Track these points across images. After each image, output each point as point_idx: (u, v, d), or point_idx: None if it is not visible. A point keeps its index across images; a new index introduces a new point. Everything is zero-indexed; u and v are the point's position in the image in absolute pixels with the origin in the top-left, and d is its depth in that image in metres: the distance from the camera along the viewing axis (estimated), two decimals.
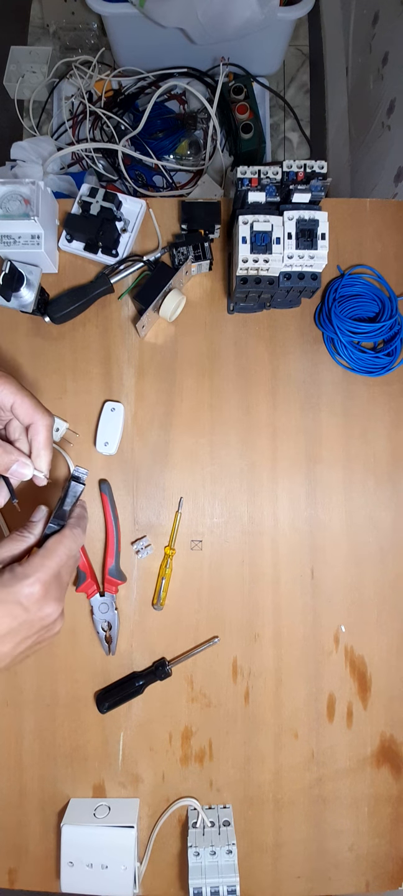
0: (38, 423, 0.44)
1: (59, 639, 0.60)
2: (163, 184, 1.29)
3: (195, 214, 0.62)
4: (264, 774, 0.60)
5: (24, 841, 0.60)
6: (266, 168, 0.50)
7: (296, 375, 0.63)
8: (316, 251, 0.51)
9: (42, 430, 0.44)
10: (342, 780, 0.61)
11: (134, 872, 0.56)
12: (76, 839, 0.56)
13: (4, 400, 0.43)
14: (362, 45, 1.18)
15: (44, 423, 0.44)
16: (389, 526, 0.61)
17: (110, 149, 1.21)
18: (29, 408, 0.43)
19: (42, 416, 0.44)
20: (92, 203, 0.61)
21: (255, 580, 0.61)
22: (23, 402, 0.43)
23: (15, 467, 0.43)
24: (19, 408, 0.43)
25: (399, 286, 0.63)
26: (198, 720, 0.60)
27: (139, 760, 0.60)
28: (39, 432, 0.44)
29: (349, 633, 0.61)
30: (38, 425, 0.44)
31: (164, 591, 0.60)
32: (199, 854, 0.56)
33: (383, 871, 0.61)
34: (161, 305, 0.59)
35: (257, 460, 0.61)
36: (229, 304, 0.63)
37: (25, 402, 0.43)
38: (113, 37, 1.33)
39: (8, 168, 1.10)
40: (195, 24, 1.18)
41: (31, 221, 0.56)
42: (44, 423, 0.44)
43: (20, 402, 0.43)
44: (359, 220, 0.65)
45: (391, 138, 1.00)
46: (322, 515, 0.61)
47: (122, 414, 0.60)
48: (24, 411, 0.43)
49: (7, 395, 0.43)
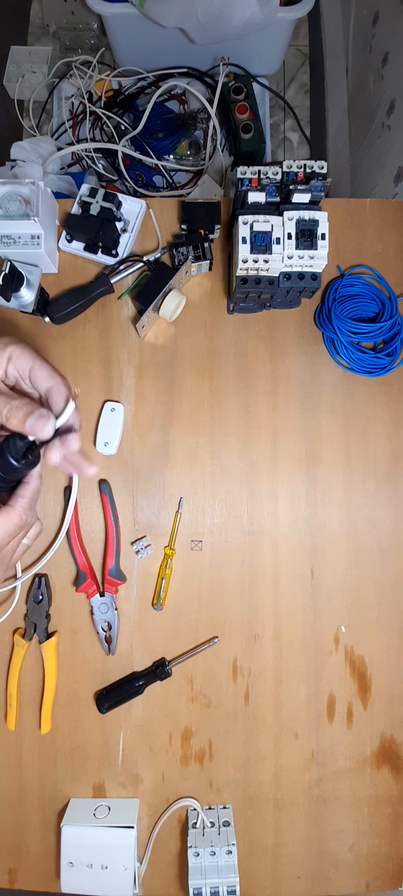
0: (57, 384, 0.42)
1: (59, 639, 0.60)
2: (163, 184, 1.29)
3: (195, 214, 0.62)
4: (264, 775, 0.60)
5: (24, 841, 0.60)
6: (266, 168, 0.50)
7: (296, 375, 0.62)
8: (316, 251, 0.51)
9: (63, 389, 0.42)
10: (342, 781, 0.61)
11: (134, 873, 0.56)
12: (76, 839, 0.56)
13: (23, 365, 0.42)
14: (362, 45, 1.18)
15: (64, 382, 0.42)
16: (389, 526, 0.61)
17: (110, 149, 1.21)
18: (48, 371, 0.42)
19: (61, 379, 0.42)
20: (92, 203, 0.61)
21: (255, 580, 0.61)
22: (42, 366, 0.42)
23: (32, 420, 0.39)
24: (38, 372, 0.42)
25: (399, 286, 0.63)
26: (198, 720, 0.60)
27: (139, 760, 0.60)
28: (59, 392, 0.42)
29: (349, 633, 0.61)
30: (59, 386, 0.42)
31: (164, 591, 0.60)
32: (199, 854, 0.56)
33: (383, 871, 0.61)
34: (161, 305, 0.59)
35: (257, 460, 0.61)
36: (229, 304, 0.63)
37: (44, 366, 0.42)
38: (113, 37, 1.33)
39: (8, 168, 1.10)
40: (195, 24, 1.18)
41: (31, 221, 0.56)
42: (64, 383, 0.42)
43: (39, 367, 0.42)
44: (359, 220, 0.65)
45: (391, 138, 1.00)
46: (322, 515, 0.61)
47: (122, 414, 0.60)
48: (42, 375, 0.42)
49: (26, 359, 0.42)
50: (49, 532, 0.60)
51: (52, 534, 0.60)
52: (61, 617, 0.60)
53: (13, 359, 0.41)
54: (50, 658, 0.59)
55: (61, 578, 0.60)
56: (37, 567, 0.59)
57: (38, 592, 0.59)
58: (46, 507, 0.60)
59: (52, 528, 0.60)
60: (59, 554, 0.59)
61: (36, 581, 0.59)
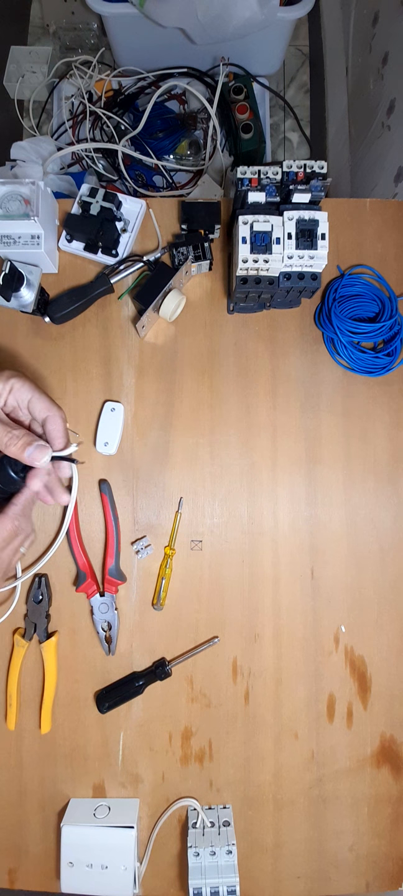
0: (54, 415, 0.46)
1: (59, 639, 0.60)
2: (163, 184, 1.29)
3: (195, 214, 0.62)
4: (264, 774, 0.60)
5: (24, 841, 0.60)
6: (266, 168, 0.50)
7: (296, 375, 0.62)
8: (316, 251, 0.51)
9: (59, 420, 0.47)
10: (342, 781, 0.61)
11: (134, 872, 0.56)
12: (76, 839, 0.56)
13: (22, 396, 0.46)
14: (362, 45, 1.18)
15: (59, 414, 0.47)
16: (389, 526, 0.61)
17: (110, 149, 1.21)
18: (45, 402, 0.46)
19: (57, 410, 0.47)
20: (92, 203, 0.61)
21: (255, 580, 0.61)
22: (40, 398, 0.46)
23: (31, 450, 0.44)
24: (36, 403, 0.46)
25: (399, 286, 0.63)
26: (198, 720, 0.60)
27: (139, 760, 0.60)
28: (56, 422, 0.46)
29: (349, 633, 0.61)
30: (55, 417, 0.46)
31: (164, 591, 0.60)
32: (199, 854, 0.56)
33: (383, 871, 0.61)
34: (161, 305, 0.59)
35: (257, 460, 0.61)
36: (229, 304, 0.63)
37: (42, 398, 0.46)
38: (113, 37, 1.33)
39: (8, 168, 1.10)
40: (195, 24, 1.18)
41: (31, 221, 0.56)
42: (60, 415, 0.47)
43: (37, 398, 0.46)
44: (359, 220, 0.65)
45: (391, 138, 1.00)
46: (322, 515, 0.61)
47: (122, 414, 0.60)
48: (40, 406, 0.46)
49: (25, 391, 0.46)
50: (49, 532, 0.60)
51: (52, 534, 0.60)
52: (61, 617, 0.60)
53: (14, 390, 0.46)
54: (50, 658, 0.59)
55: (61, 578, 0.60)
56: (37, 567, 0.59)
57: (38, 592, 0.59)
58: (46, 507, 0.60)
59: (51, 528, 0.60)
60: (58, 554, 0.59)
61: (36, 581, 0.59)
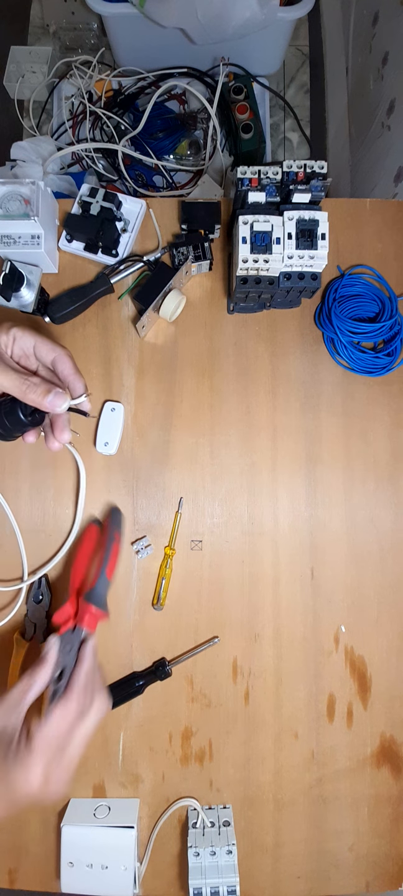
0: (61, 354, 0.47)
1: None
2: (163, 184, 1.29)
3: (195, 214, 0.62)
4: (264, 774, 0.60)
5: (24, 841, 0.60)
6: (266, 168, 0.50)
7: (296, 375, 0.62)
8: (316, 251, 0.51)
9: (67, 360, 0.47)
10: (342, 781, 0.61)
11: (134, 872, 0.56)
12: (76, 839, 0.56)
13: (27, 343, 0.46)
14: (362, 45, 1.18)
15: (67, 353, 0.47)
16: (389, 526, 0.61)
17: (110, 149, 1.21)
18: (49, 345, 0.46)
19: (63, 349, 0.47)
20: (92, 203, 0.61)
21: (255, 580, 0.61)
22: (44, 342, 0.46)
23: (51, 397, 0.44)
24: (41, 346, 0.46)
25: (399, 286, 0.63)
26: (198, 720, 0.60)
27: (139, 760, 0.60)
28: (65, 362, 0.47)
29: (349, 633, 0.61)
30: (62, 357, 0.47)
31: (164, 591, 0.60)
32: (199, 854, 0.56)
33: (383, 871, 0.61)
34: (161, 305, 0.59)
35: (257, 460, 0.61)
36: (229, 304, 0.63)
37: (45, 341, 0.47)
38: (113, 37, 1.33)
39: (8, 168, 1.10)
40: (195, 24, 1.18)
41: (31, 221, 0.56)
42: (67, 353, 0.47)
43: (41, 342, 0.46)
44: (359, 220, 0.65)
45: (391, 138, 1.00)
46: (322, 515, 0.61)
47: (122, 414, 0.60)
48: (46, 348, 0.46)
49: (28, 338, 0.46)
50: (56, 540, 0.60)
51: (59, 540, 0.60)
52: None
53: (17, 339, 0.46)
54: None
55: (61, 578, 0.60)
56: (43, 571, 0.59)
57: (38, 592, 0.59)
58: (57, 508, 0.60)
59: (58, 535, 0.60)
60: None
61: (36, 581, 0.59)
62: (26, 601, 0.59)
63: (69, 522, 0.60)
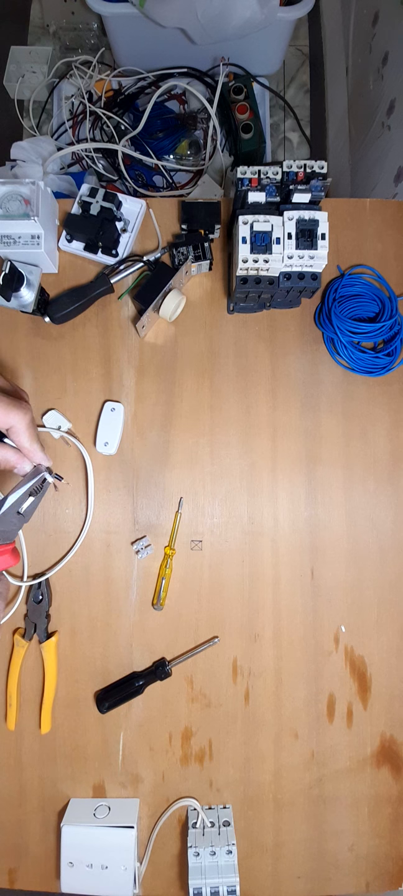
0: (15, 424, 0.42)
1: (59, 639, 0.60)
2: (163, 184, 1.29)
3: (195, 214, 0.62)
4: (264, 774, 0.60)
5: (24, 841, 0.60)
6: (266, 168, 0.50)
7: (296, 375, 0.62)
8: (316, 251, 0.51)
9: (21, 432, 0.42)
10: (342, 781, 0.61)
11: (134, 873, 0.56)
12: (76, 839, 0.56)
13: None
14: (362, 45, 1.18)
15: (21, 422, 0.42)
16: (389, 526, 0.61)
17: (110, 149, 1.21)
18: (3, 408, 0.41)
19: (17, 415, 0.42)
20: (92, 203, 0.61)
21: (255, 580, 0.61)
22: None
23: (18, 467, 0.43)
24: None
25: (399, 286, 0.63)
26: (198, 720, 0.60)
27: (139, 760, 0.60)
28: (20, 434, 0.42)
29: (349, 633, 0.61)
30: (16, 427, 0.42)
31: (164, 591, 0.60)
32: (199, 854, 0.56)
33: (383, 871, 0.61)
34: (161, 305, 0.59)
35: (257, 460, 0.61)
36: (229, 304, 0.63)
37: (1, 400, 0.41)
38: (113, 37, 1.33)
39: (8, 168, 1.10)
40: (195, 24, 1.18)
41: (31, 221, 0.56)
42: (21, 422, 0.42)
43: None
44: (359, 220, 0.65)
45: (391, 138, 1.00)
46: (322, 515, 0.61)
47: (122, 414, 0.60)
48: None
49: None
50: (56, 540, 0.60)
51: (59, 540, 0.60)
52: (61, 617, 0.60)
53: None
54: (50, 658, 0.59)
55: (61, 578, 0.60)
56: (47, 575, 0.59)
57: (38, 592, 0.59)
58: (63, 511, 0.60)
59: (58, 536, 0.60)
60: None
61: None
62: (26, 601, 0.59)
63: (69, 522, 0.60)
